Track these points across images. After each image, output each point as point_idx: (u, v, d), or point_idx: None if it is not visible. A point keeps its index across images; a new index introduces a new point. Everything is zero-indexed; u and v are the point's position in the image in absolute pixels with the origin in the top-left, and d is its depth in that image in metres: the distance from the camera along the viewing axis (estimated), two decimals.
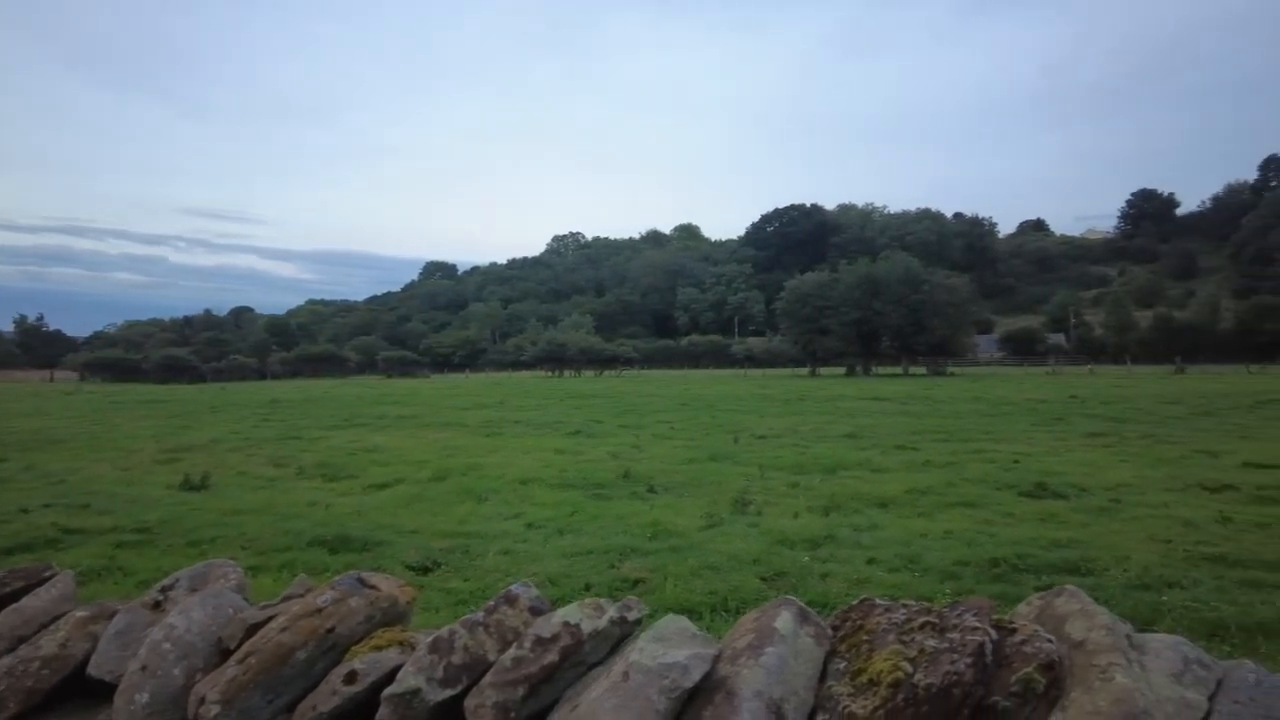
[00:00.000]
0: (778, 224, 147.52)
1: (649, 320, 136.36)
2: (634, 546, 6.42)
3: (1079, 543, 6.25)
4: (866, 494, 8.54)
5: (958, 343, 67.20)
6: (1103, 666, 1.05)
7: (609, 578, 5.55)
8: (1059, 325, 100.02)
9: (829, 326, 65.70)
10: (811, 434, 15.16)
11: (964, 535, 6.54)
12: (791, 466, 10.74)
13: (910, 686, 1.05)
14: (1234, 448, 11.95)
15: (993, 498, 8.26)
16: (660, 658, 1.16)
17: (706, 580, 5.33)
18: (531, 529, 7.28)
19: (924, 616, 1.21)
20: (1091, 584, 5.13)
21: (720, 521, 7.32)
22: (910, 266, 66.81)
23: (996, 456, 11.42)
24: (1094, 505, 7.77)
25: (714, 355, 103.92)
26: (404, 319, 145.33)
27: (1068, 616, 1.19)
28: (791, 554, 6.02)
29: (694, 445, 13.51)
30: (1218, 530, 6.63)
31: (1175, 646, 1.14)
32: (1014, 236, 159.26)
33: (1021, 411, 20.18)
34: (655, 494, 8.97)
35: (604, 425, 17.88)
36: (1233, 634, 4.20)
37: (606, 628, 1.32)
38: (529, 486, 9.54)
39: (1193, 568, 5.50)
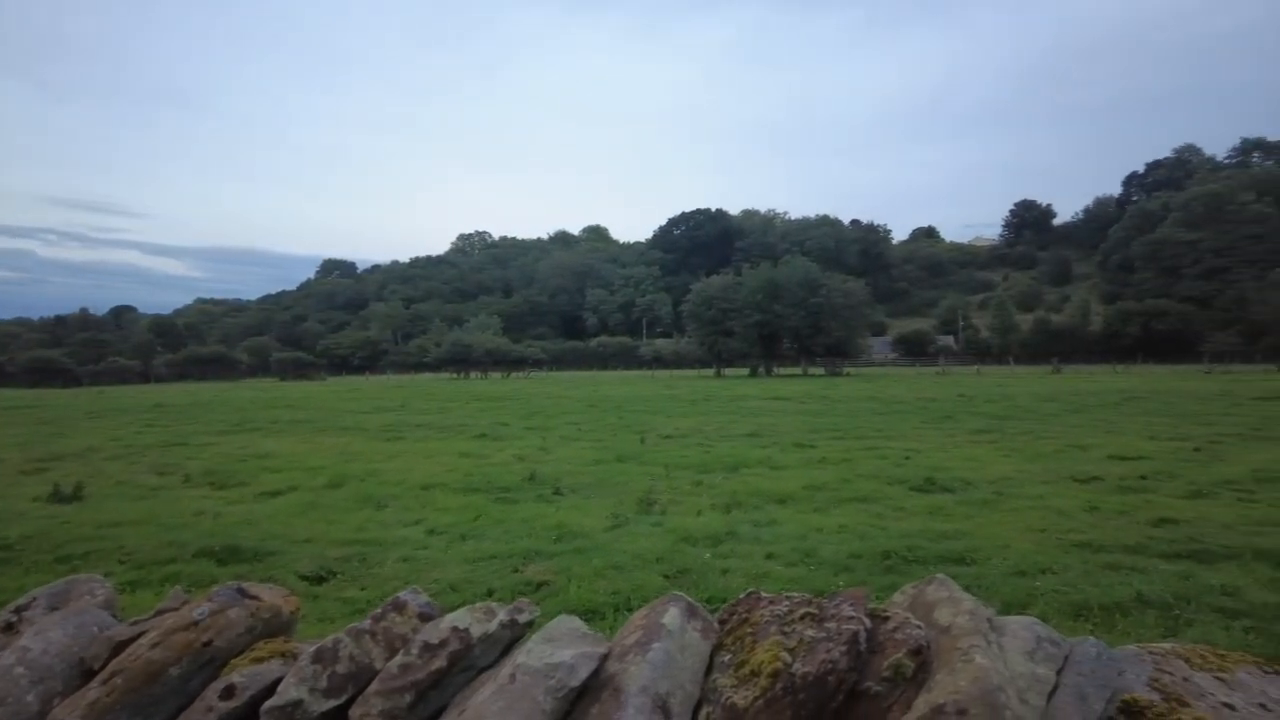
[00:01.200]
0: (684, 227, 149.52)
1: (557, 321, 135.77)
2: (539, 549, 6.38)
3: (964, 534, 6.59)
4: (766, 491, 8.76)
5: (854, 344, 69.79)
6: (965, 649, 1.12)
7: (512, 581, 5.50)
8: (948, 328, 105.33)
9: (733, 328, 67.09)
10: (716, 433, 15.43)
11: (858, 529, 6.80)
12: (696, 466, 10.90)
13: (789, 676, 1.09)
14: (1101, 441, 12.88)
15: (885, 492, 8.61)
16: (547, 658, 1.16)
17: (610, 580, 5.35)
18: (433, 535, 7.12)
19: (805, 608, 1.26)
20: (975, 572, 5.43)
21: (626, 521, 7.36)
22: (810, 271, 68.92)
23: (889, 453, 11.91)
24: (978, 498, 8.21)
25: (623, 356, 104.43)
26: (300, 319, 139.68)
27: (936, 604, 1.26)
28: (694, 551, 6.11)
29: (601, 446, 13.53)
30: (1086, 518, 7.12)
31: (1029, 627, 1.23)
32: (907, 243, 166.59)
33: (913, 410, 21.13)
34: (561, 496, 8.94)
35: (510, 428, 17.69)
36: (1095, 613, 4.53)
37: (497, 631, 1.32)
38: (431, 492, 9.34)
39: (1064, 554, 5.89)
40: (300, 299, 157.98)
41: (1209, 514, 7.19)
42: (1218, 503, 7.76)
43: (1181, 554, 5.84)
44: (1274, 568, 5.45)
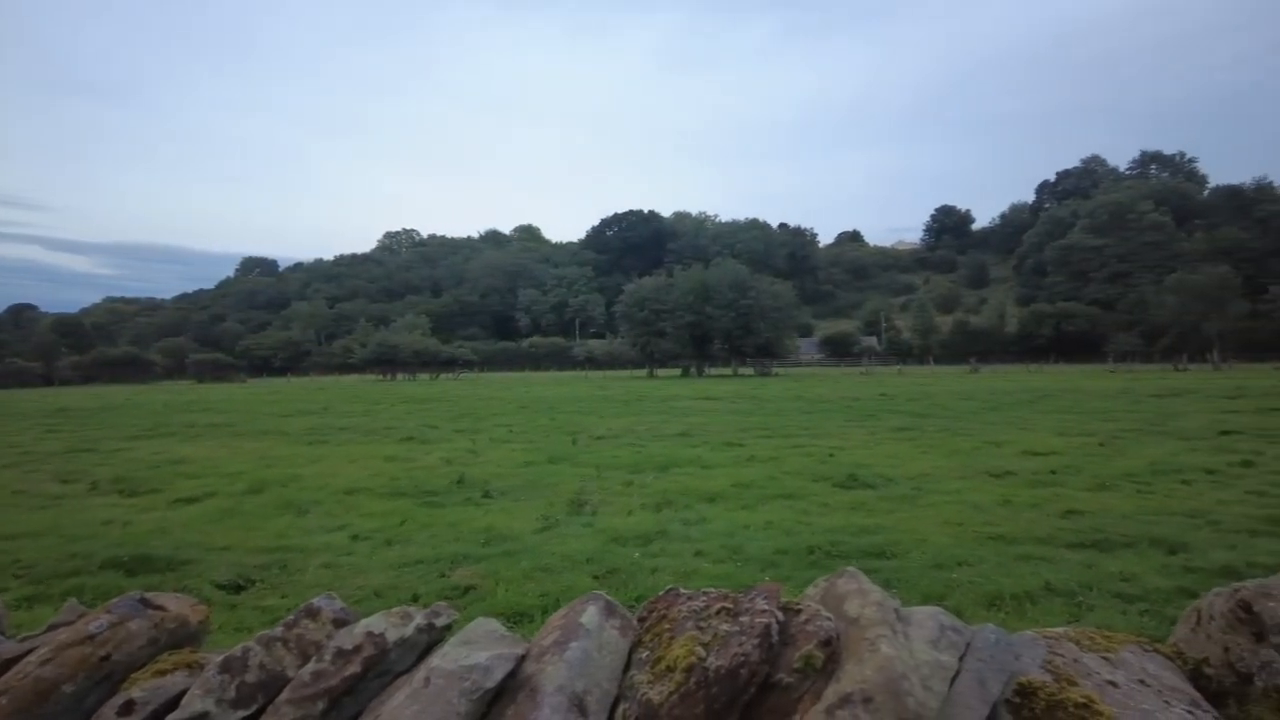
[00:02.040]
0: (617, 228, 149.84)
1: (488, 322, 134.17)
2: (467, 553, 6.30)
3: (885, 528, 6.79)
4: (696, 489, 8.85)
5: (782, 345, 71.17)
6: (872, 639, 1.16)
7: (439, 586, 5.41)
8: (872, 329, 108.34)
9: (665, 329, 67.61)
10: (647, 433, 15.50)
11: (784, 525, 6.94)
12: (628, 466, 10.93)
13: (702, 670, 1.11)
14: (1015, 438, 13.45)
15: (810, 489, 8.80)
16: (462, 660, 1.15)
17: (539, 582, 5.33)
18: (357, 540, 6.96)
19: (721, 603, 1.28)
20: (895, 566, 5.61)
21: (556, 523, 7.33)
22: (739, 273, 70.01)
23: (814, 451, 12.18)
24: (899, 494, 8.48)
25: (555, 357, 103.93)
26: (218, 319, 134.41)
27: (846, 596, 1.30)
28: (624, 551, 6.14)
29: (533, 448, 13.44)
30: (1000, 512, 7.43)
31: (934, 616, 1.28)
32: (833, 246, 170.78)
33: (837, 409, 21.66)
34: (491, 499, 8.84)
35: (439, 430, 17.40)
36: (1007, 602, 4.73)
37: (413, 635, 1.30)
38: (355, 496, 9.12)
39: (979, 546, 6.13)
40: (219, 298, 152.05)
41: (1111, 505, 7.58)
42: (1119, 494, 8.20)
43: (1086, 544, 6.14)
44: (1167, 554, 5.79)
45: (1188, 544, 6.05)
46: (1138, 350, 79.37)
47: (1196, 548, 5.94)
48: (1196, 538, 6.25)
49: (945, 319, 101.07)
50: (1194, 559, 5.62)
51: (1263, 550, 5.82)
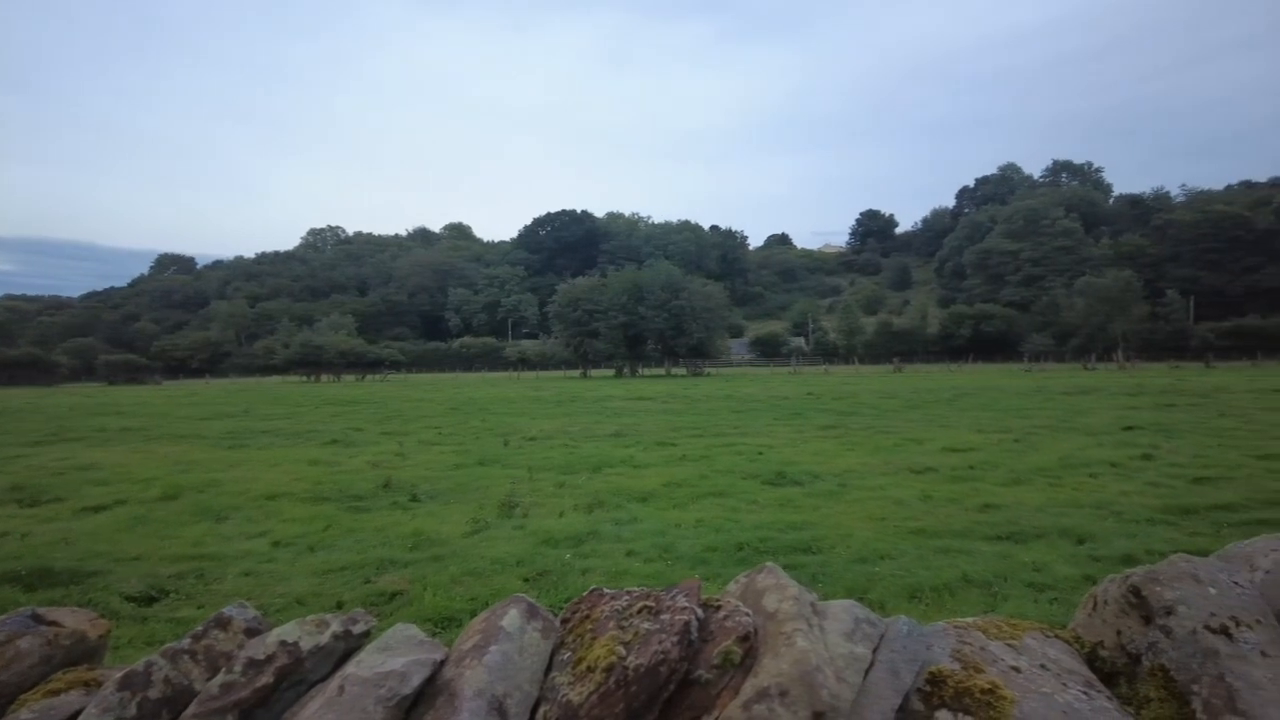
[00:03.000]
0: (550, 228, 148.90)
1: (417, 322, 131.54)
2: (393, 558, 6.17)
3: (811, 524, 6.94)
4: (628, 489, 8.87)
5: (714, 346, 72.07)
6: (788, 633, 1.18)
7: (364, 592, 5.29)
8: (800, 330, 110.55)
9: (599, 329, 67.62)
10: (580, 434, 15.46)
11: (714, 523, 7.02)
12: (560, 467, 10.89)
13: (622, 669, 1.12)
14: (935, 435, 13.92)
15: (740, 487, 8.93)
16: (378, 667, 1.13)
17: (468, 587, 5.26)
18: (279, 547, 6.74)
19: (643, 601, 1.29)
20: (820, 561, 5.73)
21: (486, 526, 7.25)
22: (672, 274, 70.61)
23: (744, 449, 12.36)
24: (824, 490, 8.67)
25: (487, 358, 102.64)
26: (131, 318, 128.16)
27: (765, 591, 1.33)
28: (555, 553, 6.11)
29: (463, 450, 13.25)
30: (920, 507, 7.68)
31: (849, 609, 1.32)
32: (762, 249, 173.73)
33: (766, 408, 22.03)
34: (419, 502, 8.68)
35: (365, 433, 16.99)
36: (927, 594, 4.89)
37: (329, 643, 1.27)
38: (277, 502, 8.83)
39: (901, 540, 6.32)
40: (131, 296, 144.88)
41: (1024, 499, 7.92)
42: (1032, 488, 8.57)
43: (1001, 536, 6.41)
44: (1075, 544, 6.09)
45: (1093, 534, 6.37)
46: (1050, 350, 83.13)
47: (1101, 537, 6.26)
48: (1101, 528, 6.59)
49: (870, 320, 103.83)
50: (1099, 548, 5.93)
51: (1159, 538, 6.17)
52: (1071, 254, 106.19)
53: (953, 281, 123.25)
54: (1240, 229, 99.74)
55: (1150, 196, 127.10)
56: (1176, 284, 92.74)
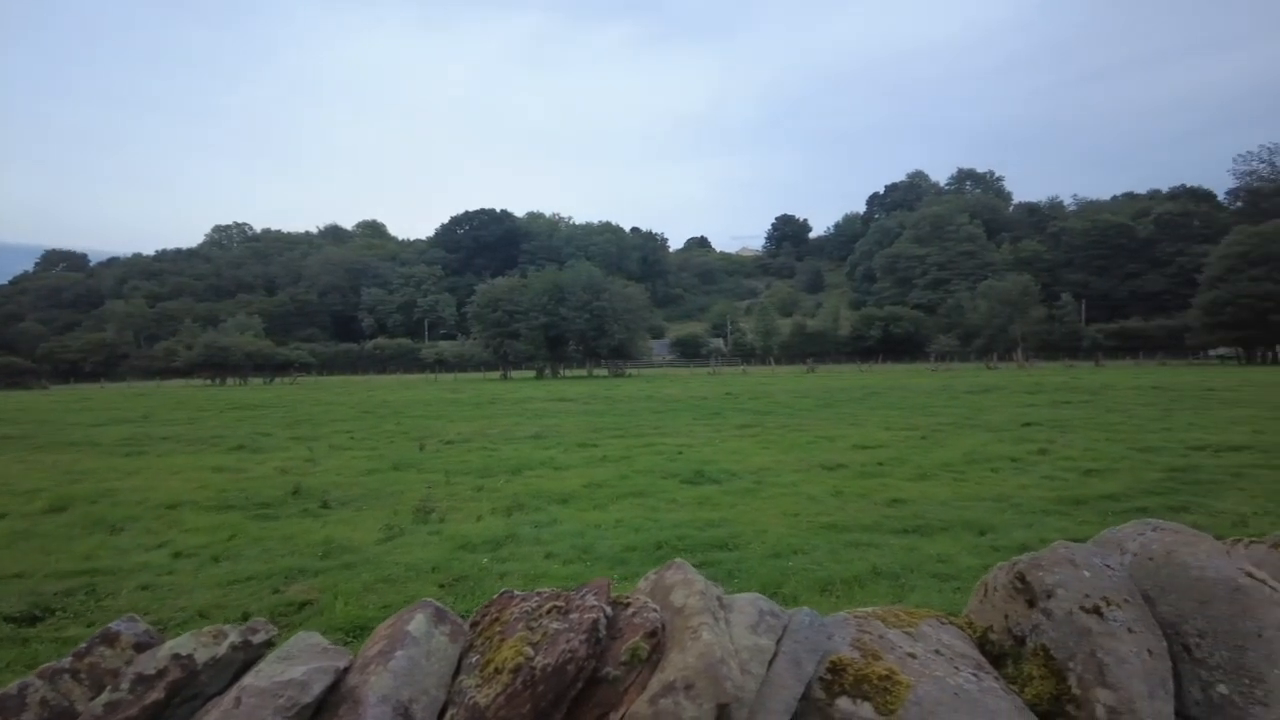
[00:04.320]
0: (468, 227, 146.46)
1: (329, 322, 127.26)
2: (303, 567, 5.97)
3: (728, 521, 7.06)
4: (548, 491, 8.83)
5: (635, 347, 72.40)
6: (694, 627, 1.21)
7: (272, 603, 5.10)
8: (719, 331, 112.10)
9: (519, 330, 66.99)
10: (500, 436, 15.28)
11: (633, 523, 7.06)
12: (478, 470, 10.74)
13: (529, 669, 1.12)
14: (846, 433, 14.36)
15: (659, 486, 9.00)
16: (276, 677, 1.10)
17: (381, 594, 5.13)
18: (180, 558, 6.42)
19: (552, 602, 1.30)
20: (736, 557, 5.84)
21: (400, 532, 7.08)
22: (593, 275, 70.56)
23: (664, 449, 12.46)
24: (741, 487, 8.83)
25: (402, 359, 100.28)
26: (14, 318, 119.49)
27: (673, 586, 1.35)
28: (472, 557, 6.02)
29: (376, 455, 12.91)
30: (832, 502, 7.91)
31: (754, 602, 1.36)
32: (682, 251, 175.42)
33: (686, 408, 22.26)
34: (330, 509, 8.41)
35: (273, 438, 16.35)
36: (838, 587, 5.04)
37: (227, 654, 1.22)
38: (178, 511, 8.42)
39: (813, 535, 6.50)
40: (14, 295, 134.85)
41: (930, 493, 8.26)
42: (937, 483, 8.94)
43: (908, 529, 6.66)
44: (977, 535, 6.38)
45: (994, 525, 6.69)
46: (955, 350, 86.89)
47: (1001, 528, 6.58)
48: (1001, 519, 6.93)
49: (785, 322, 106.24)
50: (999, 539, 6.23)
51: (1053, 528, 6.53)
52: (975, 259, 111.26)
53: (864, 284, 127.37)
54: (1124, 237, 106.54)
55: (1046, 205, 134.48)
56: (1070, 288, 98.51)
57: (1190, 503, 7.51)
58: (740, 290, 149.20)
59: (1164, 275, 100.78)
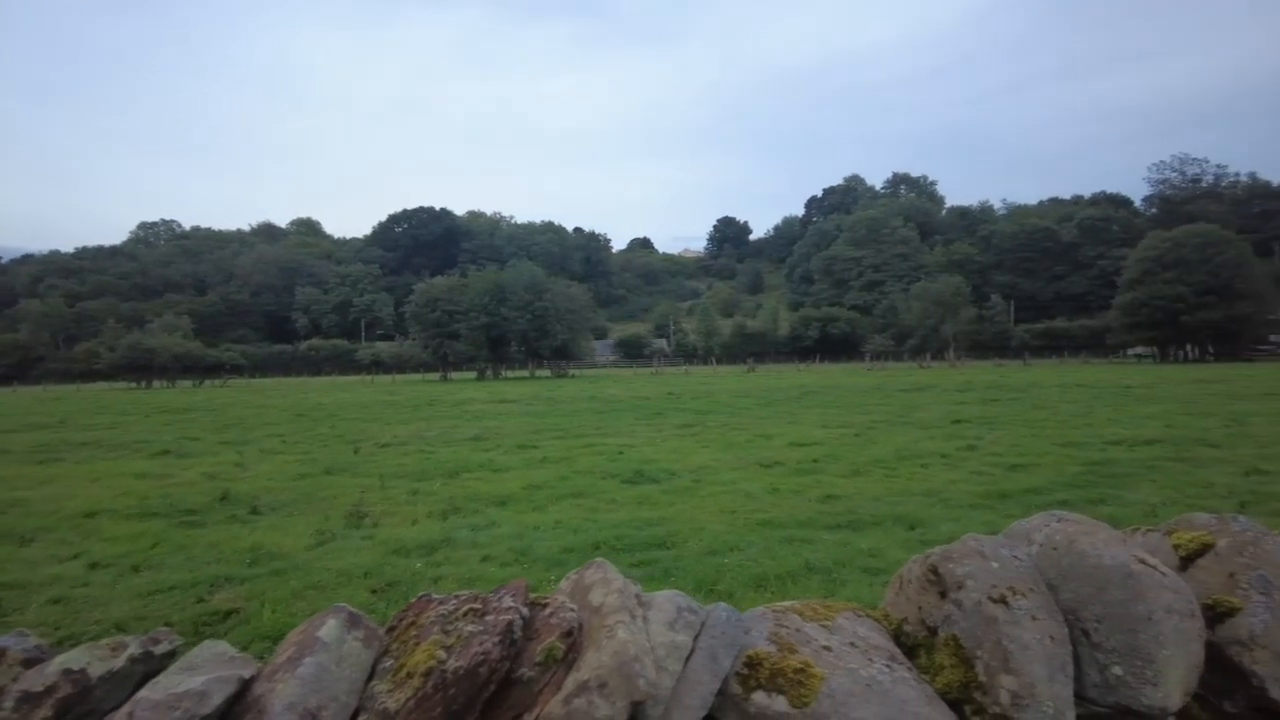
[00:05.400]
0: (407, 225, 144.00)
1: (262, 323, 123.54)
2: (229, 575, 5.77)
3: (666, 520, 7.09)
4: (486, 494, 8.73)
5: (578, 347, 72.17)
6: (610, 626, 1.21)
7: (195, 612, 4.92)
8: (662, 331, 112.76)
9: (459, 330, 66.16)
10: (437, 439, 15.05)
11: (572, 524, 7.03)
12: (414, 474, 10.55)
13: (441, 673, 1.11)
14: (784, 431, 14.58)
15: (599, 487, 8.99)
16: (173, 688, 1.06)
17: (310, 601, 5.00)
18: (97, 569, 6.14)
19: (470, 604, 1.28)
20: (673, 555, 5.87)
21: (332, 537, 6.92)
22: (535, 275, 70.09)
23: (605, 449, 12.46)
24: (680, 486, 8.88)
25: (338, 361, 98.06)
26: None
27: (592, 586, 1.35)
28: (406, 562, 5.91)
29: (308, 458, 12.58)
30: (768, 499, 8.01)
31: (672, 599, 1.37)
32: (625, 252, 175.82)
33: (628, 408, 22.30)
34: (259, 515, 8.16)
35: (201, 443, 15.79)
36: (772, 582, 5.11)
37: (125, 667, 1.18)
38: (96, 520, 8.05)
39: (749, 532, 6.57)
40: None
41: (863, 489, 8.44)
42: (870, 479, 9.14)
43: (841, 525, 6.79)
44: (907, 530, 6.55)
45: (923, 520, 6.88)
46: (890, 350, 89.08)
47: (930, 523, 6.76)
48: (930, 514, 7.12)
49: (726, 322, 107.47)
50: (928, 533, 6.40)
51: (979, 521, 6.74)
52: (909, 261, 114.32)
53: (802, 286, 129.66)
54: (1050, 240, 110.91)
55: (977, 209, 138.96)
56: (999, 289, 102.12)
57: (1107, 495, 7.84)
58: (683, 291, 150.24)
59: (1086, 277, 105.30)
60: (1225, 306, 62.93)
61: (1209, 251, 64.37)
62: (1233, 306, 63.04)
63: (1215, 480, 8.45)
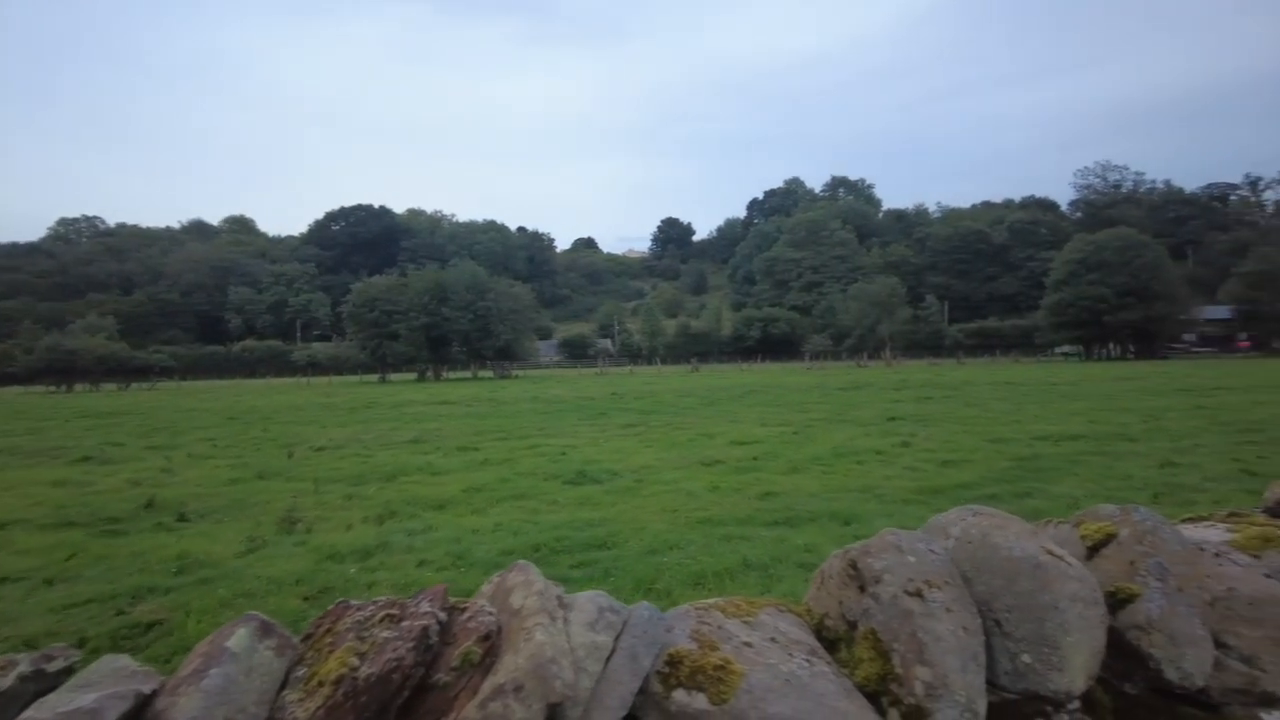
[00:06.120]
0: (344, 223, 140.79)
1: (193, 324, 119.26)
2: (153, 585, 5.56)
3: (608, 520, 7.09)
4: (425, 498, 8.59)
5: (521, 347, 71.59)
6: (529, 628, 1.21)
7: (115, 625, 4.72)
8: (606, 332, 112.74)
9: (399, 331, 64.97)
10: (375, 442, 14.76)
11: (512, 526, 6.98)
12: (350, 477, 10.33)
13: (352, 680, 1.09)
14: (725, 429, 14.73)
15: (541, 488, 8.94)
16: (62, 707, 1.02)
17: (239, 610, 4.84)
18: (5, 584, 5.84)
19: (387, 610, 1.26)
20: (613, 555, 5.87)
21: (264, 544, 6.72)
22: (477, 275, 69.27)
23: (547, 450, 12.39)
24: (622, 486, 8.89)
25: (273, 362, 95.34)
26: None
27: (513, 588, 1.35)
28: (340, 568, 5.78)
29: (240, 463, 12.20)
30: (709, 497, 8.08)
31: (594, 600, 1.37)
32: (569, 252, 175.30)
33: (572, 409, 22.23)
34: (187, 522, 7.89)
35: (126, 448, 15.18)
36: (710, 580, 5.15)
37: (14, 687, 1.12)
38: (8, 530, 7.67)
39: (690, 530, 6.61)
40: None
41: (801, 486, 8.58)
42: (807, 476, 9.29)
43: (779, 521, 6.89)
44: (842, 525, 6.68)
45: (858, 515, 7.02)
46: (829, 350, 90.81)
47: (864, 518, 6.91)
48: (865, 509, 7.27)
49: (671, 323, 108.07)
50: (862, 529, 6.53)
51: (912, 516, 6.91)
52: (847, 262, 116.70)
53: (744, 287, 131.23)
54: (982, 243, 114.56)
55: (912, 212, 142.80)
56: (934, 290, 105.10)
57: (1033, 489, 8.12)
58: (627, 291, 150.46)
59: (1017, 278, 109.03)
60: (1143, 307, 65.96)
61: (1129, 254, 67.39)
62: (1150, 307, 66.11)
63: (1133, 473, 8.84)
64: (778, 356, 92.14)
